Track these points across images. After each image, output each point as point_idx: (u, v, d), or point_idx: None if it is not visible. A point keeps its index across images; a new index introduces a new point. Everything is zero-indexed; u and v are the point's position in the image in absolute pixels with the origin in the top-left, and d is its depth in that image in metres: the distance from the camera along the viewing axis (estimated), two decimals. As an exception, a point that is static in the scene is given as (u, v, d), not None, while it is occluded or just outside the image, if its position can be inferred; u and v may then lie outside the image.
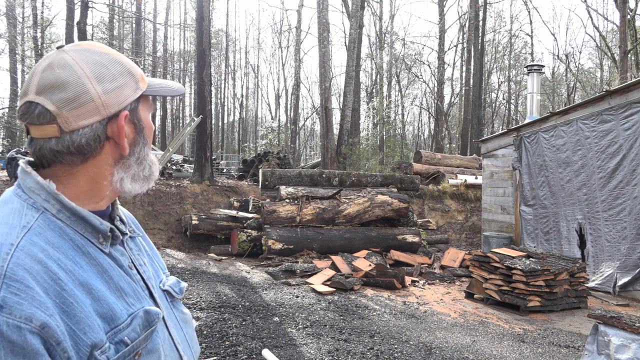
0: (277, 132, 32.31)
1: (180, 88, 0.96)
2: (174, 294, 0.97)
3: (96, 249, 0.82)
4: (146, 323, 0.82)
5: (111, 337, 0.76)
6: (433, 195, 13.34)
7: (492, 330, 5.18)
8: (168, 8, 38.25)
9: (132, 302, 0.83)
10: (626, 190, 7.15)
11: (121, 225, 0.91)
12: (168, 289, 0.97)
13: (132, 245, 0.93)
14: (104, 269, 0.81)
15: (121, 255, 0.87)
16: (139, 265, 0.90)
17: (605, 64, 30.82)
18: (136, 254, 0.92)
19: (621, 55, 17.42)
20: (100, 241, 0.83)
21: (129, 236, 0.94)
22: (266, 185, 10.00)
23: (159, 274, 0.98)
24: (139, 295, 0.86)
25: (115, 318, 0.78)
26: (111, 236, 0.85)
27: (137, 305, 0.83)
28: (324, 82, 17.19)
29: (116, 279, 0.82)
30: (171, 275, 1.06)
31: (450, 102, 33.62)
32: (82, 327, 0.73)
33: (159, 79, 0.92)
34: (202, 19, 13.59)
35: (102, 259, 0.82)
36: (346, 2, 24.06)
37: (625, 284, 7.00)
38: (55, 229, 0.78)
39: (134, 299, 0.84)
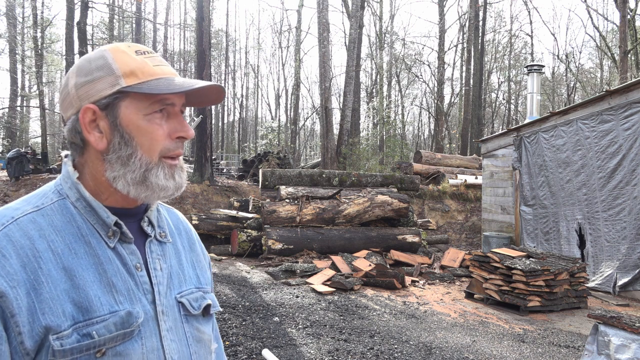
0: (277, 132, 32.31)
1: (191, 84, 0.85)
2: (190, 309, 0.92)
3: (100, 241, 0.83)
4: (123, 324, 0.80)
5: (81, 327, 0.76)
6: (433, 195, 13.34)
7: (492, 330, 5.18)
8: (168, 8, 38.27)
9: (121, 301, 0.81)
10: (626, 190, 7.15)
11: (147, 227, 0.91)
12: (184, 301, 0.92)
13: (155, 248, 0.91)
14: (100, 261, 0.81)
15: (130, 253, 0.86)
16: (153, 269, 0.88)
17: (605, 64, 30.82)
18: (155, 258, 0.90)
19: (621, 55, 17.42)
20: (108, 235, 0.84)
21: (157, 240, 0.92)
22: (266, 185, 10.00)
23: (184, 285, 0.94)
24: (134, 296, 0.83)
25: (91, 310, 0.77)
26: (119, 232, 0.85)
27: (126, 305, 0.81)
28: (324, 82, 17.19)
29: (110, 274, 0.82)
30: (212, 294, 1.02)
31: (450, 102, 33.62)
32: (42, 307, 0.74)
33: (186, 79, 0.86)
34: (202, 19, 13.60)
35: (103, 251, 0.82)
36: (346, 2, 24.06)
37: (625, 284, 7.00)
38: (66, 215, 0.83)
39: (125, 299, 0.82)
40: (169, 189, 0.86)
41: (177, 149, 0.88)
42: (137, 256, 0.86)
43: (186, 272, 0.96)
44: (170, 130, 0.86)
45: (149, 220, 0.92)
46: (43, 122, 21.81)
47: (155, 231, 0.92)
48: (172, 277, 0.92)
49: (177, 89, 0.83)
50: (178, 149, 0.88)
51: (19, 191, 14.05)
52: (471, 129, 24.41)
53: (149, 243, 0.90)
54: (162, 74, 0.85)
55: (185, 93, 0.88)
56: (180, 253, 0.98)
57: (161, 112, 0.85)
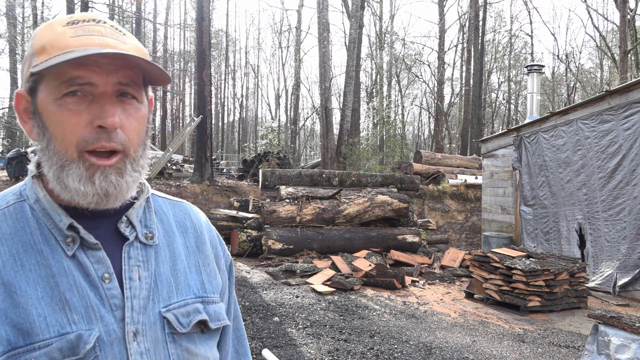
0: (277, 132, 32.32)
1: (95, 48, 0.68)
2: (176, 326, 0.75)
3: (56, 249, 0.70)
4: (72, 350, 0.65)
5: (19, 353, 0.64)
6: (433, 195, 13.34)
7: (492, 330, 5.18)
8: (168, 8, 38.28)
9: (76, 320, 0.67)
10: (626, 190, 7.15)
11: (126, 229, 0.76)
12: (169, 316, 0.75)
13: (135, 253, 0.76)
14: (52, 274, 0.68)
15: (96, 262, 0.71)
16: (127, 279, 0.73)
17: (605, 64, 30.83)
18: (133, 265, 0.74)
19: (621, 55, 17.42)
20: (67, 241, 0.71)
21: (141, 243, 0.77)
22: (266, 185, 10.00)
23: (176, 296, 0.78)
24: (94, 314, 0.68)
25: (33, 333, 0.65)
26: (78, 237, 0.71)
27: (81, 325, 0.67)
28: (324, 82, 17.19)
29: (63, 288, 0.68)
30: (219, 304, 0.84)
31: (450, 102, 33.63)
32: None
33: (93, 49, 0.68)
34: (202, 19, 13.60)
35: (58, 261, 0.69)
36: (346, 2, 24.06)
37: (625, 284, 7.00)
38: (20, 220, 0.72)
39: (81, 317, 0.67)
40: (87, 194, 0.69)
41: (100, 141, 0.69)
42: (105, 265, 0.72)
43: (182, 280, 0.80)
44: (91, 118, 0.68)
45: (128, 220, 0.77)
46: (43, 122, 21.83)
47: (137, 233, 0.77)
48: (159, 286, 0.76)
49: (57, 60, 0.66)
50: (101, 142, 0.69)
51: (19, 191, 14.04)
52: (471, 129, 24.41)
53: (127, 247, 0.75)
54: (77, 46, 0.68)
55: (116, 69, 0.70)
56: (177, 256, 0.82)
57: (77, 96, 0.68)
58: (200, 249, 0.87)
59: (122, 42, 0.72)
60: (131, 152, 0.73)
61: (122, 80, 0.71)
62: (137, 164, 0.75)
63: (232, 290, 0.96)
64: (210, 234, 0.91)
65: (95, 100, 0.69)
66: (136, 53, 0.71)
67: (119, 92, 0.71)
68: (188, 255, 0.84)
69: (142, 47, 0.76)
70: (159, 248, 0.80)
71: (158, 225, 0.82)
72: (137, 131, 0.74)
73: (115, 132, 0.70)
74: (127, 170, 0.72)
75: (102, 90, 0.69)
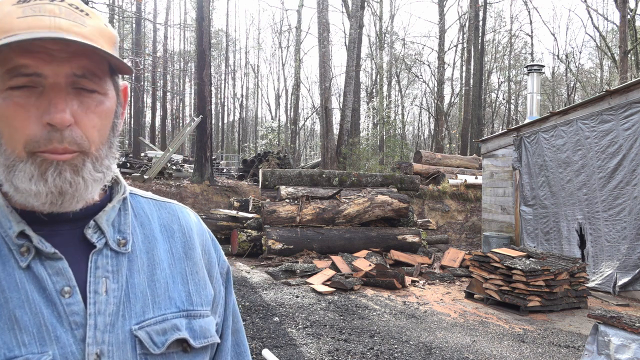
0: (277, 132, 32.33)
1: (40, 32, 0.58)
2: (148, 346, 0.65)
3: (8, 260, 0.62)
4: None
5: None
6: (433, 195, 13.35)
7: (492, 330, 5.18)
8: (168, 8, 38.28)
9: (27, 342, 0.59)
10: (626, 190, 7.15)
11: (94, 235, 0.67)
12: (141, 335, 0.65)
13: (103, 263, 0.66)
14: (2, 289, 0.60)
15: (54, 274, 0.62)
16: (92, 293, 0.63)
17: (605, 64, 30.84)
18: (100, 276, 0.65)
19: (621, 55, 17.42)
20: (21, 250, 0.62)
21: (112, 250, 0.68)
22: (266, 185, 10.00)
23: (152, 310, 0.68)
24: (48, 334, 0.60)
25: None
26: (32, 246, 0.62)
27: (32, 348, 0.59)
28: (324, 82, 17.19)
29: (12, 306, 0.59)
30: (208, 318, 0.75)
31: (450, 102, 33.63)
32: None
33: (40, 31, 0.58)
34: (202, 19, 13.61)
35: (7, 274, 0.61)
36: (346, 2, 24.07)
37: (625, 284, 7.00)
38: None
39: (32, 339, 0.59)
40: (40, 194, 0.61)
41: (52, 143, 0.60)
42: (65, 277, 0.63)
43: (162, 292, 0.70)
44: (40, 113, 0.60)
45: (96, 224, 0.68)
46: (43, 122, 21.84)
47: (107, 239, 0.67)
48: (131, 300, 0.66)
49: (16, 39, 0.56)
50: (53, 143, 0.60)
51: (19, 191, 14.04)
52: (471, 129, 24.41)
53: (94, 256, 0.66)
54: (22, 29, 0.58)
55: (69, 58, 0.60)
56: (157, 265, 0.71)
57: (25, 88, 0.60)
58: (188, 255, 0.76)
59: (79, 24, 0.61)
60: (92, 151, 0.64)
61: (76, 72, 0.61)
62: (101, 163, 0.65)
63: (229, 300, 0.84)
64: (202, 238, 0.81)
65: (44, 93, 0.60)
66: (98, 37, 0.62)
67: (74, 84, 0.61)
68: (173, 263, 0.74)
69: (109, 30, 0.66)
70: (135, 256, 0.69)
71: (137, 229, 0.73)
72: (98, 127, 0.64)
73: (69, 129, 0.60)
74: (87, 168, 0.63)
75: (52, 81, 0.60)
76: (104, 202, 0.71)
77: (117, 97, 0.70)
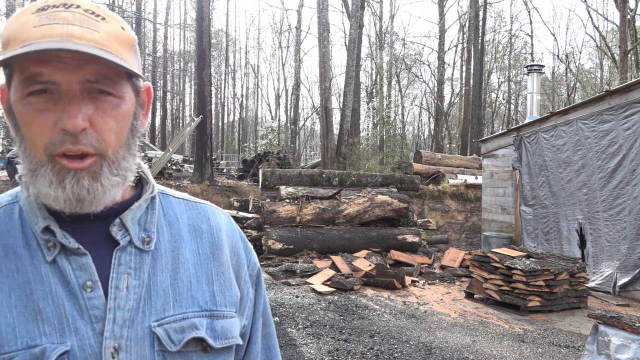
0: (277, 132, 32.33)
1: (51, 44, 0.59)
2: (165, 343, 0.66)
3: (36, 254, 0.65)
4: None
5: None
6: (433, 195, 13.34)
7: (492, 330, 5.18)
8: (168, 8, 38.28)
9: (48, 332, 0.61)
10: (626, 190, 7.15)
11: (118, 233, 0.69)
12: (159, 332, 0.66)
13: (126, 259, 0.68)
14: (28, 281, 0.63)
15: (78, 268, 0.65)
16: (113, 288, 0.65)
17: (605, 64, 30.84)
18: (123, 272, 0.67)
19: (621, 55, 17.42)
20: (48, 245, 0.65)
21: (136, 248, 0.70)
22: (266, 185, 10.00)
23: (172, 308, 0.69)
24: (68, 326, 0.62)
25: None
26: (57, 241, 0.65)
27: (53, 338, 0.61)
28: (324, 82, 17.19)
29: (37, 297, 0.63)
30: (233, 319, 0.75)
31: (450, 102, 33.64)
32: None
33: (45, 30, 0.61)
34: (202, 19, 13.61)
35: (36, 267, 0.64)
36: (346, 2, 24.07)
37: (625, 284, 7.00)
38: (7, 222, 0.68)
39: (53, 329, 0.62)
40: (58, 199, 0.63)
41: (65, 145, 0.62)
42: (88, 272, 0.65)
43: (185, 290, 0.71)
44: (56, 119, 0.62)
45: (121, 222, 0.70)
46: (43, 122, 21.83)
47: (131, 236, 0.69)
48: (152, 297, 0.68)
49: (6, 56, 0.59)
50: (66, 145, 0.62)
51: (19, 191, 14.05)
52: (471, 129, 24.41)
53: (117, 253, 0.68)
54: (37, 37, 0.60)
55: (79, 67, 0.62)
56: (182, 264, 0.73)
57: (43, 94, 0.62)
58: (215, 255, 0.77)
59: (92, 30, 0.62)
60: (109, 154, 0.65)
61: (89, 78, 0.62)
62: (118, 166, 0.67)
63: (259, 303, 0.84)
64: (232, 239, 0.82)
65: (60, 99, 0.62)
66: (112, 41, 0.64)
67: (89, 89, 0.63)
68: (199, 262, 0.75)
69: (126, 32, 0.67)
70: (159, 254, 0.71)
71: (164, 228, 0.74)
72: (114, 130, 0.65)
73: (83, 133, 0.62)
74: (104, 173, 0.65)
75: (66, 88, 0.61)
76: (132, 200, 0.73)
77: (137, 98, 0.71)
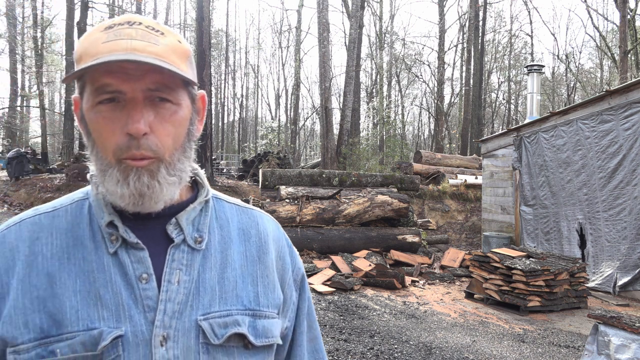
0: (277, 132, 32.33)
1: (114, 55, 0.66)
2: (210, 337, 0.72)
3: (100, 246, 0.72)
4: (91, 345, 0.66)
5: (50, 342, 0.66)
6: (433, 195, 13.34)
7: (492, 330, 5.18)
8: (168, 8, 38.28)
9: (106, 317, 0.68)
10: (626, 190, 7.15)
11: (174, 231, 0.75)
12: (204, 325, 0.72)
13: (179, 256, 0.74)
14: (92, 269, 0.70)
15: (136, 261, 0.72)
16: (166, 282, 0.72)
17: (605, 64, 30.83)
18: (175, 268, 0.73)
19: (621, 55, 17.41)
20: (112, 239, 0.72)
21: (189, 247, 0.75)
22: (266, 185, 10.00)
23: (217, 305, 0.74)
24: (124, 313, 0.69)
25: (64, 324, 0.67)
26: (119, 236, 0.72)
27: (110, 322, 0.68)
28: (324, 82, 17.19)
29: (98, 284, 0.69)
30: (274, 320, 0.80)
31: (450, 102, 33.63)
32: (4, 316, 0.68)
33: (116, 54, 0.67)
34: (202, 19, 13.61)
35: (99, 257, 0.71)
36: (346, 2, 24.07)
37: (625, 284, 7.00)
38: (77, 216, 0.76)
39: (111, 314, 0.68)
40: (124, 196, 0.70)
41: (130, 150, 0.68)
42: (144, 265, 0.72)
43: (230, 289, 0.76)
44: (122, 125, 0.69)
45: (177, 222, 0.76)
46: (43, 122, 21.82)
47: (185, 235, 0.76)
48: (200, 293, 0.74)
49: (78, 68, 0.66)
50: (131, 150, 0.68)
51: (19, 191, 14.04)
52: (471, 129, 24.41)
53: (172, 250, 0.74)
54: (105, 52, 0.67)
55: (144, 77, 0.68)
56: (229, 264, 0.78)
57: (111, 103, 0.69)
58: (261, 259, 0.82)
59: (152, 44, 0.69)
60: (166, 157, 0.72)
61: (150, 86, 0.69)
62: (174, 168, 0.73)
63: (303, 307, 0.89)
64: (278, 245, 0.87)
65: (125, 107, 0.69)
66: (170, 53, 0.70)
67: (150, 97, 0.70)
68: (245, 264, 0.80)
69: (182, 45, 0.74)
70: (209, 253, 0.77)
71: (215, 230, 0.80)
72: (172, 135, 0.72)
73: (145, 138, 0.69)
74: (161, 173, 0.71)
75: (131, 96, 0.68)
76: (188, 202, 0.80)
77: (193, 105, 0.77)
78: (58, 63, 31.10)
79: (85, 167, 8.52)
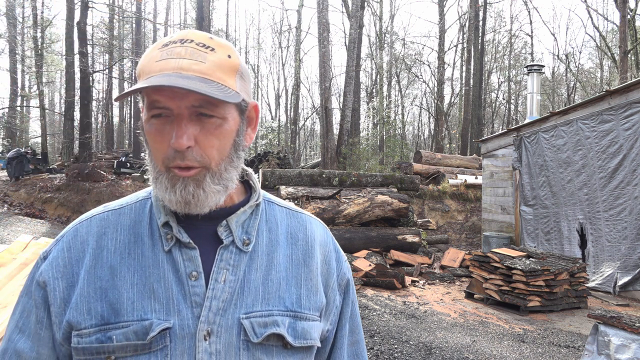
0: (277, 132, 32.31)
1: (163, 81, 0.69)
2: (250, 334, 0.76)
3: (157, 243, 0.78)
4: (143, 335, 0.73)
5: (109, 328, 0.73)
6: (433, 195, 13.34)
7: (492, 330, 5.18)
8: (168, 8, 38.26)
9: (157, 309, 0.74)
10: (627, 190, 7.15)
11: (223, 233, 0.80)
12: (246, 324, 0.76)
13: (227, 257, 0.78)
14: (148, 264, 0.77)
15: (187, 259, 0.77)
16: (213, 280, 0.76)
17: (605, 64, 30.82)
18: (222, 267, 0.77)
19: (621, 55, 17.41)
20: (167, 237, 0.78)
21: (237, 248, 0.80)
22: (266, 185, 10.00)
23: (260, 304, 0.78)
24: (173, 307, 0.74)
25: (120, 313, 0.74)
26: (172, 235, 0.78)
27: (160, 315, 0.74)
28: (324, 82, 17.19)
29: (153, 279, 0.76)
30: (315, 322, 0.83)
31: (450, 102, 33.61)
32: (72, 302, 0.75)
33: (165, 77, 0.71)
34: (202, 19, 13.61)
35: (155, 254, 0.77)
36: (346, 2, 24.06)
37: (625, 284, 7.00)
38: (140, 214, 0.82)
39: (162, 308, 0.74)
40: (172, 202, 0.75)
41: (175, 160, 0.74)
42: (195, 263, 0.76)
43: (274, 290, 0.80)
44: (169, 138, 0.74)
45: (227, 224, 0.81)
46: (43, 122, 21.81)
47: (234, 237, 0.80)
48: (245, 293, 0.78)
49: (131, 89, 0.72)
50: (176, 160, 0.74)
51: (18, 191, 14.03)
52: (471, 129, 24.40)
53: (221, 250, 0.79)
54: (156, 71, 0.72)
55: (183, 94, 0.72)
56: (274, 266, 0.82)
57: (161, 117, 0.74)
58: (306, 262, 0.85)
59: (198, 62, 0.73)
60: (212, 167, 0.76)
61: (194, 103, 0.72)
62: (220, 177, 0.77)
63: (346, 311, 0.91)
64: (325, 249, 0.90)
65: (173, 121, 0.73)
66: (215, 70, 0.73)
67: (195, 113, 0.74)
68: (290, 267, 0.83)
69: (231, 61, 0.76)
70: (256, 255, 0.81)
71: (264, 233, 0.84)
72: (217, 147, 0.76)
73: (189, 150, 0.73)
74: (206, 182, 0.76)
75: (177, 112, 0.73)
76: (240, 205, 0.84)
77: (242, 116, 0.82)
78: (58, 63, 31.08)
79: (85, 167, 8.68)
